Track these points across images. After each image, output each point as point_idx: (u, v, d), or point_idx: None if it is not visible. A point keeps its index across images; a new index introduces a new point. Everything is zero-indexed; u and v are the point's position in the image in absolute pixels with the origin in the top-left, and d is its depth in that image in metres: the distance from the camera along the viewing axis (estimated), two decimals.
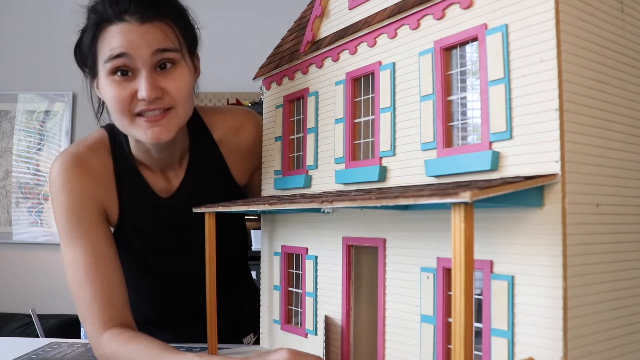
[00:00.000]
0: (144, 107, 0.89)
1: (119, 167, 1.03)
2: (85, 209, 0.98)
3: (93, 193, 1.00)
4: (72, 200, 0.98)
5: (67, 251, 0.98)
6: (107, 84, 0.89)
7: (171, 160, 1.06)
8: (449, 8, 0.63)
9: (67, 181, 0.98)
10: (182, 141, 1.05)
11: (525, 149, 0.55)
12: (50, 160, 3.46)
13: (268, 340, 0.97)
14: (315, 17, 0.86)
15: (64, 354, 1.01)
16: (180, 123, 0.94)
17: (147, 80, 0.87)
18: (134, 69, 0.88)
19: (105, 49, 0.88)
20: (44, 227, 3.44)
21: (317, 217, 0.84)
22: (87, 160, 1.01)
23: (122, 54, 0.86)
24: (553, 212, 0.52)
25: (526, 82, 0.55)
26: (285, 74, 0.94)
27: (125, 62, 0.87)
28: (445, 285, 0.63)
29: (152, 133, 0.90)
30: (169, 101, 0.90)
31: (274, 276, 0.95)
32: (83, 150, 1.02)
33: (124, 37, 0.86)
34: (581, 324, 0.52)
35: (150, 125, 0.89)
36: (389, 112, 0.71)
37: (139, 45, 0.86)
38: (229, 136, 1.10)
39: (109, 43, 0.87)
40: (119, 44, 0.86)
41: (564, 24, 0.53)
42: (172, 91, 0.89)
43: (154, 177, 1.06)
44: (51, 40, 3.49)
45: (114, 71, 0.88)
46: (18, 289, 3.36)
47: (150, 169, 1.06)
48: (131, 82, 0.88)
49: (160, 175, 1.06)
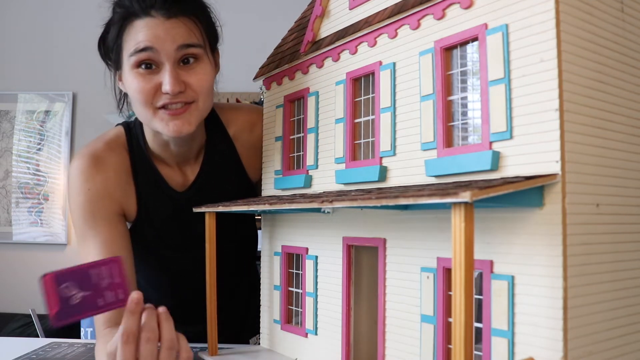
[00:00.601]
0: (167, 100, 0.90)
1: (136, 164, 1.05)
2: (101, 209, 1.00)
3: (110, 192, 1.01)
4: (89, 200, 0.99)
5: (81, 248, 1.00)
6: (131, 76, 0.91)
7: (188, 155, 1.07)
8: (449, 8, 0.63)
9: (84, 181, 1.00)
10: (200, 136, 1.07)
11: (526, 149, 0.55)
12: (50, 160, 3.46)
13: (268, 340, 0.97)
14: (316, 17, 0.86)
15: (64, 354, 1.01)
16: (201, 116, 0.95)
17: (171, 74, 0.88)
18: (158, 63, 0.90)
19: (130, 43, 0.90)
20: (44, 227, 3.44)
21: (317, 217, 0.84)
22: (104, 158, 1.02)
23: (147, 47, 0.88)
24: (553, 212, 0.52)
25: (526, 82, 0.55)
26: (286, 74, 0.94)
27: (150, 56, 0.89)
28: (445, 285, 0.63)
29: (174, 126, 0.91)
30: (191, 95, 0.92)
31: (274, 276, 0.95)
32: (101, 149, 1.03)
33: (150, 31, 0.88)
34: (581, 324, 0.52)
35: (172, 118, 0.91)
36: (389, 112, 0.71)
37: (164, 39, 0.88)
38: (244, 132, 1.12)
39: (135, 37, 0.89)
40: (145, 37, 0.88)
41: (564, 24, 0.53)
42: (195, 85, 0.91)
43: (170, 172, 1.07)
44: (51, 40, 3.49)
45: (139, 64, 0.90)
46: (18, 289, 3.36)
47: (167, 164, 1.07)
48: (155, 75, 0.90)
49: (177, 170, 1.08)
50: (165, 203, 1.07)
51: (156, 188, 1.06)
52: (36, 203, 3.45)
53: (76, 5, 3.45)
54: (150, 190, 1.06)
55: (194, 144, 1.07)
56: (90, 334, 1.47)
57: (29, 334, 2.68)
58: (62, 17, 3.49)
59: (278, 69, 0.95)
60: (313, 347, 0.84)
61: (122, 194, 1.04)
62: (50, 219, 3.43)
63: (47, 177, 3.47)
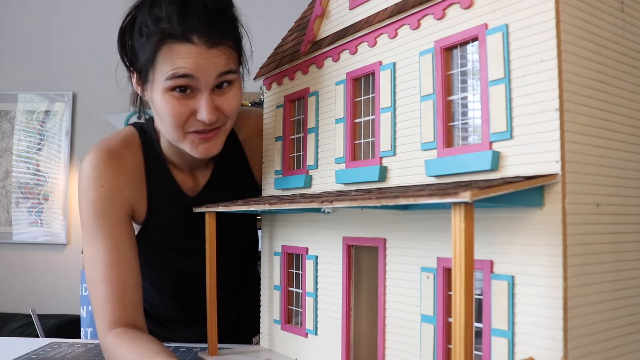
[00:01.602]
0: (200, 127, 0.90)
1: (150, 165, 1.04)
2: (113, 207, 0.99)
3: (123, 191, 1.00)
4: (101, 197, 0.98)
5: (89, 248, 0.99)
6: (164, 98, 0.89)
7: (201, 161, 1.07)
8: (450, 8, 0.63)
9: (98, 177, 0.99)
10: None
11: (526, 149, 0.55)
12: (50, 160, 3.46)
13: (268, 340, 0.97)
14: (316, 17, 0.86)
15: (64, 354, 1.01)
16: (224, 139, 0.96)
17: (208, 103, 0.88)
18: (195, 89, 0.88)
19: (167, 65, 0.87)
20: (44, 227, 3.44)
21: (317, 217, 0.84)
22: (120, 156, 1.01)
23: (187, 75, 0.86)
24: (553, 212, 0.52)
25: (526, 82, 0.55)
26: (286, 74, 0.94)
27: (188, 82, 0.87)
28: (445, 285, 0.63)
29: (204, 149, 0.93)
30: (223, 119, 0.92)
31: (274, 276, 0.95)
32: (116, 146, 1.02)
33: (191, 59, 0.86)
34: (581, 324, 0.52)
35: (201, 142, 0.92)
36: (389, 112, 0.71)
37: (206, 70, 0.86)
38: (253, 137, 1.11)
39: (174, 61, 0.86)
40: (186, 65, 0.86)
41: (564, 24, 0.53)
42: (226, 110, 0.92)
43: (183, 177, 1.08)
44: (51, 40, 3.49)
45: (174, 88, 0.88)
46: (18, 289, 3.36)
47: (179, 169, 1.08)
48: (190, 100, 0.89)
49: (189, 175, 1.08)
50: (176, 207, 1.06)
51: (168, 191, 1.06)
52: (36, 203, 3.45)
53: (76, 5, 3.45)
54: (162, 193, 1.05)
55: None
56: (90, 334, 1.47)
57: (29, 334, 2.68)
58: (63, 17, 3.49)
59: (278, 69, 0.95)
60: (313, 347, 0.84)
61: (133, 194, 1.03)
62: (50, 219, 3.43)
63: (47, 177, 3.47)
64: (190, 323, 1.20)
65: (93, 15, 3.40)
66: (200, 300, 1.10)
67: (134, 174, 1.02)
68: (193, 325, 1.19)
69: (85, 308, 1.51)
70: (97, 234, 0.98)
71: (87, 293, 1.49)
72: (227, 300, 1.04)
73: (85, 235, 1.00)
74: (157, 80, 0.89)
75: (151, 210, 1.05)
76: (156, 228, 1.07)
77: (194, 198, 1.07)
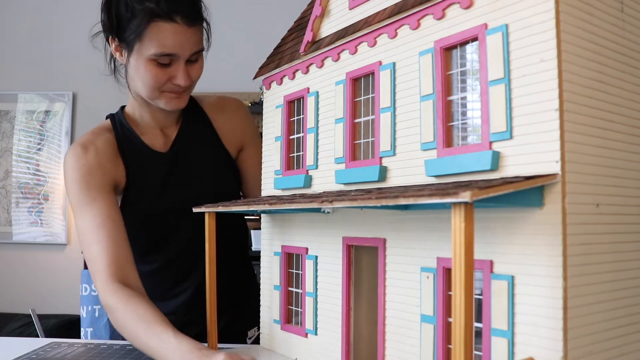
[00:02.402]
0: (174, 88, 1.10)
1: (121, 140, 1.19)
2: (94, 178, 1.11)
3: (102, 165, 1.13)
4: (83, 174, 1.12)
5: (79, 219, 1.11)
6: (148, 66, 1.06)
7: (170, 118, 1.24)
8: (449, 8, 0.63)
9: (77, 161, 1.13)
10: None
11: (525, 149, 0.55)
12: (50, 160, 3.47)
13: (268, 340, 0.97)
14: (316, 17, 0.86)
15: (64, 354, 1.01)
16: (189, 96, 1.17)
17: (184, 72, 1.08)
18: (173, 62, 1.07)
19: (154, 43, 1.03)
20: (44, 227, 3.44)
21: (317, 217, 0.84)
22: (92, 142, 1.16)
23: (171, 54, 1.04)
24: (553, 212, 0.52)
25: (526, 82, 0.55)
26: (286, 74, 0.94)
27: (171, 58, 1.06)
28: (445, 285, 0.63)
29: (176, 103, 1.13)
30: (190, 84, 1.12)
31: (274, 276, 0.95)
32: (87, 137, 1.18)
33: (175, 38, 1.04)
34: (581, 324, 0.52)
35: (174, 97, 1.12)
36: (389, 112, 0.71)
37: (185, 46, 1.05)
38: (216, 112, 1.29)
39: (160, 39, 1.03)
40: (171, 43, 1.04)
41: (564, 24, 0.53)
42: (194, 77, 1.12)
43: (153, 138, 1.22)
44: (51, 40, 3.49)
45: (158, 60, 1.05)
46: (18, 289, 3.36)
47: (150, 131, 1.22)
48: (168, 68, 1.07)
49: (159, 133, 1.23)
50: (151, 166, 1.19)
51: (141, 155, 1.19)
52: (36, 203, 3.45)
53: (76, 5, 3.45)
54: (135, 157, 1.18)
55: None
56: (90, 334, 1.46)
57: (29, 334, 2.68)
58: (62, 17, 3.49)
59: (278, 69, 0.95)
60: (313, 347, 0.84)
61: (112, 167, 1.15)
62: (50, 219, 3.43)
63: (47, 177, 3.47)
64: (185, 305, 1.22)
65: (93, 16, 3.40)
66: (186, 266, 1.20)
67: (107, 149, 1.16)
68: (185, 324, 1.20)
69: (85, 308, 1.51)
70: (84, 204, 1.10)
71: (87, 293, 1.49)
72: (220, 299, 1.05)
73: (75, 210, 1.12)
74: (142, 52, 1.05)
75: (129, 175, 1.17)
76: (136, 193, 1.17)
77: (165, 153, 1.21)
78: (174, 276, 1.22)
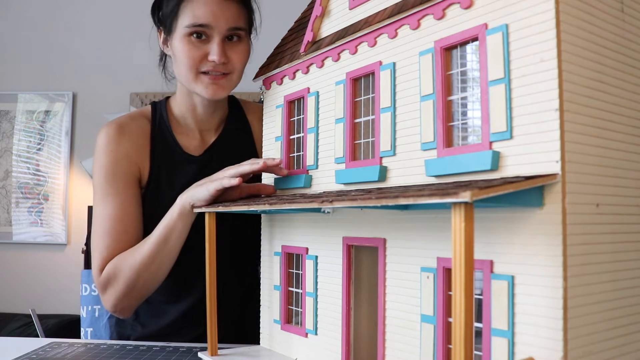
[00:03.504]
0: (210, 67, 1.06)
1: (155, 131, 1.19)
2: (121, 168, 1.12)
3: (129, 155, 1.14)
4: (110, 161, 1.12)
5: (99, 207, 1.12)
6: (182, 43, 1.05)
7: (210, 122, 1.22)
8: (449, 8, 0.63)
9: (108, 144, 1.14)
10: (222, 108, 1.23)
11: (526, 148, 0.55)
12: (50, 160, 3.46)
13: (268, 340, 0.97)
14: (316, 17, 0.86)
15: (64, 354, 1.01)
16: (233, 86, 1.11)
17: (219, 47, 1.04)
18: (209, 35, 1.05)
19: (187, 15, 1.04)
20: (44, 227, 3.43)
21: (317, 217, 0.84)
22: (126, 125, 1.16)
23: (204, 24, 1.04)
24: (553, 212, 0.52)
25: (526, 82, 0.55)
26: (286, 74, 0.94)
27: (204, 30, 1.04)
28: (445, 285, 0.63)
29: (213, 90, 1.07)
30: (230, 67, 1.08)
31: (274, 276, 0.95)
32: (124, 119, 1.18)
33: (209, 8, 1.03)
34: (581, 324, 0.52)
35: (212, 82, 1.07)
36: (389, 112, 0.71)
37: (219, 18, 1.04)
38: (256, 119, 1.25)
39: (193, 11, 1.04)
40: (204, 14, 1.03)
41: (564, 24, 0.53)
42: (234, 60, 1.07)
43: (189, 140, 1.20)
44: (51, 40, 3.48)
45: (191, 34, 1.05)
46: (18, 289, 3.36)
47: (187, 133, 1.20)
48: (204, 45, 1.05)
49: (198, 136, 1.21)
50: (178, 167, 1.17)
51: (171, 152, 1.17)
52: (36, 203, 3.45)
53: (76, 5, 3.45)
54: (164, 154, 1.17)
55: (217, 111, 1.21)
56: (90, 334, 1.47)
57: (29, 334, 2.68)
58: (63, 17, 3.49)
59: (278, 69, 0.95)
60: (313, 347, 0.84)
61: (138, 157, 1.15)
62: (50, 219, 3.43)
63: (47, 177, 3.46)
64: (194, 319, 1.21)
65: (93, 15, 3.40)
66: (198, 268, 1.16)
67: (139, 138, 1.16)
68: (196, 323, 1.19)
69: (85, 308, 1.51)
70: (107, 194, 1.11)
71: (87, 293, 1.49)
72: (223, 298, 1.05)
73: (96, 196, 1.13)
74: (178, 29, 1.06)
75: (153, 171, 1.16)
76: (157, 189, 1.16)
77: (199, 157, 1.18)
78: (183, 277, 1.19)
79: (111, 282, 1.07)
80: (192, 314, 1.20)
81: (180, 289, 1.20)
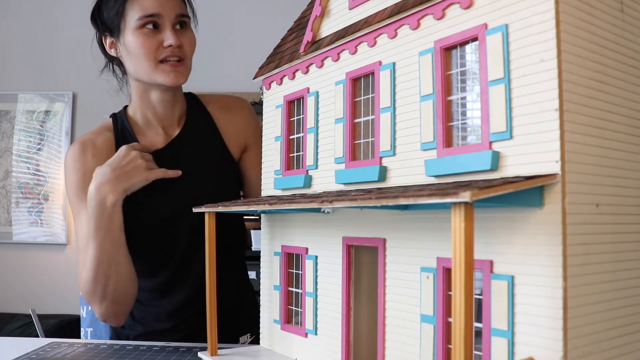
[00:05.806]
0: (168, 53, 1.11)
1: (119, 140, 1.21)
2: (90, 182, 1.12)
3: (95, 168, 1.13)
4: (79, 178, 1.16)
5: (77, 222, 1.17)
6: (136, 36, 1.10)
7: (172, 117, 1.25)
8: (449, 8, 0.63)
9: (74, 163, 1.17)
10: (181, 102, 1.26)
11: (525, 148, 0.55)
12: (50, 160, 3.47)
13: (268, 340, 0.97)
14: (315, 17, 0.86)
15: (64, 354, 1.01)
16: (188, 73, 1.17)
17: (172, 32, 1.11)
18: (160, 24, 1.11)
19: (135, 10, 1.10)
20: (44, 227, 3.44)
21: (317, 217, 0.84)
22: (89, 141, 1.20)
23: (154, 14, 1.10)
24: (553, 212, 0.52)
25: (526, 82, 0.55)
26: (285, 74, 0.94)
27: (155, 20, 1.10)
28: (445, 285, 0.63)
29: (174, 76, 1.13)
30: (184, 52, 1.14)
31: (274, 276, 0.95)
32: (87, 136, 1.22)
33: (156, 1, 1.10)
34: (581, 324, 0.52)
35: (172, 70, 1.12)
36: (389, 112, 0.71)
37: (167, 7, 1.11)
38: (221, 112, 1.29)
39: (141, 4, 1.10)
40: (151, 5, 1.10)
41: (564, 24, 0.53)
42: (186, 45, 1.15)
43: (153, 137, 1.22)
44: (51, 40, 3.49)
45: (144, 25, 1.10)
46: (18, 289, 3.36)
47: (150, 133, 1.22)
48: (157, 34, 1.11)
49: (161, 132, 1.24)
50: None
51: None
52: (36, 203, 3.45)
53: (76, 5, 3.45)
54: None
55: (176, 106, 1.24)
56: (90, 334, 1.47)
57: (29, 334, 2.68)
58: (63, 18, 3.49)
59: (278, 69, 0.95)
60: (313, 347, 0.84)
61: None
62: (50, 219, 3.43)
63: (47, 177, 3.47)
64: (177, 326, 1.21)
65: None
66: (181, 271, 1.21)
67: (104, 151, 1.19)
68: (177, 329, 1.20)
69: (85, 308, 1.51)
70: (82, 209, 1.14)
71: None
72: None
73: (74, 215, 1.18)
74: (127, 26, 1.11)
75: None
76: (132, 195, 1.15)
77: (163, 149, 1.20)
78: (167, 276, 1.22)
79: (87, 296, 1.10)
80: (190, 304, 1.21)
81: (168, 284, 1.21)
